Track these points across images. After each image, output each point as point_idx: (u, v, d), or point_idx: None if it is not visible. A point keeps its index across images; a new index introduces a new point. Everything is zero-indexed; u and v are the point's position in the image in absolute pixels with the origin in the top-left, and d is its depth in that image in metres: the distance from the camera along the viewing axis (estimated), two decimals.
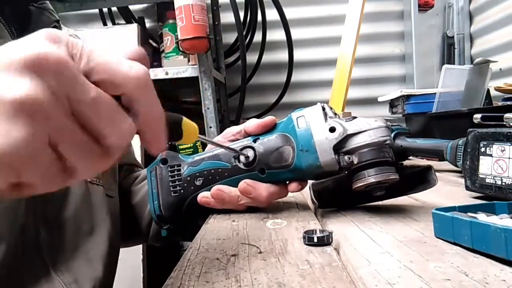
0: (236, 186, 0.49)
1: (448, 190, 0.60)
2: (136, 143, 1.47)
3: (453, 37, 1.87)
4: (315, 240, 0.36)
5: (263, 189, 0.48)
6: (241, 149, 0.49)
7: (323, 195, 0.48)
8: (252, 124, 0.52)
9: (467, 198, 0.52)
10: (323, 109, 0.47)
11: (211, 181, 0.50)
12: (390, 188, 0.45)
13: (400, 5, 1.91)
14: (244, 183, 0.48)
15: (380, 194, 0.45)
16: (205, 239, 0.40)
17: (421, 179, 0.46)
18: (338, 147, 0.44)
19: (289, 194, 0.63)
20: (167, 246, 1.50)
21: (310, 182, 0.50)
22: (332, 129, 0.44)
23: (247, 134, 0.52)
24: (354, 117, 0.45)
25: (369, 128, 0.44)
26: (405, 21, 1.89)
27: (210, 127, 1.44)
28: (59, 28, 0.56)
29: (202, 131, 1.44)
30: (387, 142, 0.43)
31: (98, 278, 0.52)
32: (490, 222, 0.30)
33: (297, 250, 0.35)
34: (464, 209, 0.36)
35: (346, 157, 0.44)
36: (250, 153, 0.49)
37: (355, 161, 0.43)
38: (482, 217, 0.34)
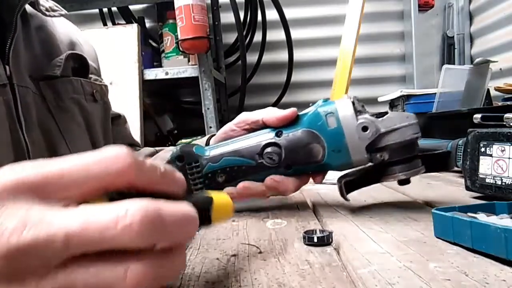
0: (261, 181, 0.47)
1: (448, 190, 0.60)
2: (134, 121, 1.46)
3: (453, 37, 1.88)
4: (315, 240, 0.36)
5: (290, 184, 0.47)
6: (265, 146, 0.47)
7: (349, 186, 0.48)
8: (272, 115, 0.48)
9: (467, 198, 0.52)
10: (353, 103, 0.45)
11: (234, 178, 0.48)
12: None
13: (400, 5, 1.91)
14: (271, 179, 0.47)
15: (404, 181, 0.47)
16: (205, 239, 0.40)
17: (441, 163, 0.50)
18: (371, 146, 0.44)
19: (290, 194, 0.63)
20: None
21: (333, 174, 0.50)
22: (365, 128, 0.43)
23: (265, 125, 0.49)
24: (385, 113, 0.44)
25: (401, 126, 0.43)
26: (405, 21, 1.89)
27: (210, 127, 1.44)
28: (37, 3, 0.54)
29: (202, 131, 1.44)
30: (417, 136, 0.44)
31: None
32: (490, 222, 0.30)
33: (297, 250, 0.35)
34: (464, 209, 0.36)
35: (378, 155, 0.44)
36: (276, 150, 0.46)
37: (386, 158, 0.44)
38: (482, 217, 0.34)
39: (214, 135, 0.55)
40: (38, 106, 0.49)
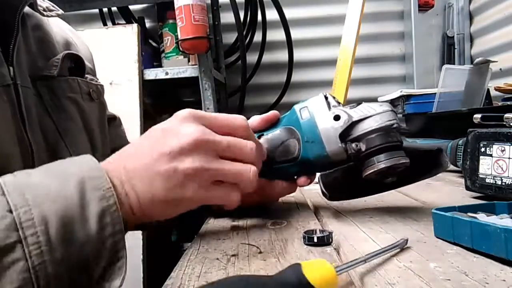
0: None
1: (448, 190, 0.60)
2: (134, 121, 1.45)
3: (453, 37, 1.87)
4: (315, 240, 0.36)
5: (279, 188, 0.49)
6: None
7: (333, 186, 0.46)
8: (255, 119, 0.51)
9: (467, 198, 0.52)
10: (326, 98, 0.46)
11: None
12: (401, 174, 0.43)
13: (400, 5, 1.91)
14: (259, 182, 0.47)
15: (391, 181, 0.43)
16: (205, 239, 0.40)
17: (432, 163, 0.45)
18: (345, 135, 0.43)
19: (290, 194, 0.63)
20: (167, 246, 1.50)
21: (318, 175, 0.49)
22: (337, 117, 0.43)
23: None
24: (359, 103, 0.44)
25: (374, 113, 0.42)
26: (405, 21, 1.89)
27: None
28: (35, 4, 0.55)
29: None
30: (394, 126, 0.42)
31: None
32: (490, 222, 0.30)
33: (297, 250, 0.35)
34: (464, 209, 0.36)
35: (353, 145, 0.42)
36: None
37: (363, 148, 0.42)
38: (482, 217, 0.34)
39: None
40: (36, 106, 0.50)
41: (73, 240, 0.29)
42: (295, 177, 0.49)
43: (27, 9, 0.53)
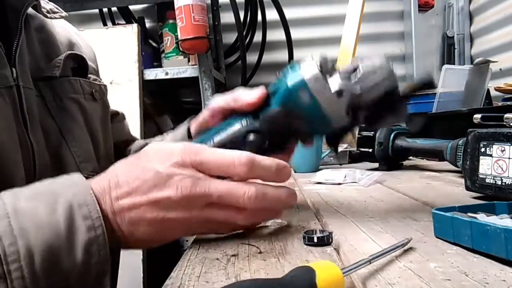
0: None
1: (448, 190, 0.60)
2: (134, 121, 1.45)
3: (453, 37, 1.87)
4: (315, 240, 0.36)
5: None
6: (246, 135, 0.44)
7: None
8: (242, 102, 0.45)
9: (467, 198, 0.52)
10: (321, 67, 0.42)
11: None
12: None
13: (400, 5, 1.91)
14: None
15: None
16: (205, 239, 0.40)
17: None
18: (349, 108, 0.41)
19: None
20: (167, 246, 1.50)
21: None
22: (340, 93, 0.41)
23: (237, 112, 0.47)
24: (356, 67, 0.42)
25: (376, 81, 0.41)
26: (405, 21, 1.89)
27: None
28: (39, 5, 0.55)
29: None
30: (396, 87, 0.41)
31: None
32: (490, 222, 0.30)
33: (297, 250, 0.35)
34: (464, 209, 0.36)
35: (359, 115, 0.42)
36: (258, 137, 0.44)
37: (369, 114, 0.42)
38: (482, 217, 0.34)
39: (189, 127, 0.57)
40: (38, 107, 0.50)
41: (58, 270, 0.29)
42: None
43: (30, 10, 0.53)
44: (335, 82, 0.41)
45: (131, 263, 1.35)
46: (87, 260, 0.30)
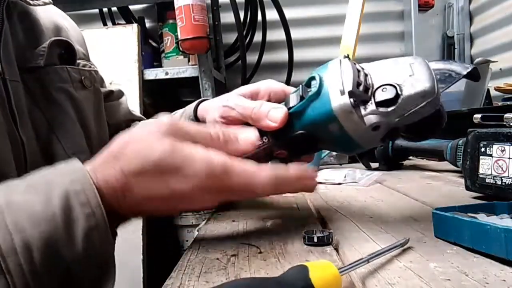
0: None
1: (448, 190, 0.60)
2: (132, 94, 1.43)
3: (453, 37, 1.87)
4: (315, 240, 0.36)
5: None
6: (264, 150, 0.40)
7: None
8: (262, 122, 0.40)
9: (467, 198, 0.52)
10: (353, 94, 0.34)
11: None
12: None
13: (400, 5, 1.91)
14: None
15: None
16: (205, 239, 0.40)
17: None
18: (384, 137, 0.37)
19: (289, 194, 0.63)
20: (167, 246, 1.50)
21: None
22: (376, 128, 0.35)
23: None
24: (393, 87, 0.35)
25: (416, 108, 0.34)
26: (405, 21, 1.89)
27: None
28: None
29: None
30: (439, 109, 0.38)
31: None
32: (490, 222, 0.30)
33: (297, 250, 0.35)
34: (464, 209, 0.36)
35: (392, 138, 0.39)
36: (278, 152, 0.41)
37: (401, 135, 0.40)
38: (482, 217, 0.34)
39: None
40: (26, 100, 0.47)
41: (59, 262, 0.28)
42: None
43: None
44: (370, 117, 0.35)
45: (131, 263, 1.35)
46: (89, 249, 0.29)
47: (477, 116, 0.57)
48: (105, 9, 1.84)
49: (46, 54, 0.51)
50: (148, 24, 1.86)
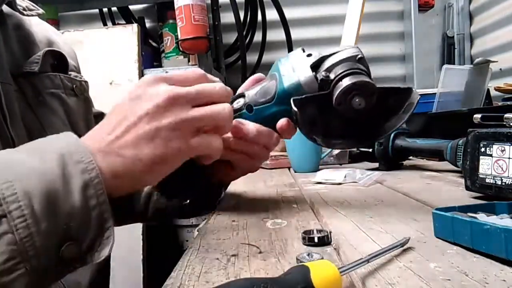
0: None
1: (448, 190, 0.60)
2: None
3: (453, 37, 1.88)
4: (315, 240, 0.36)
5: (252, 125, 0.48)
6: (233, 99, 0.51)
7: (309, 121, 0.47)
8: (244, 83, 0.54)
9: (467, 198, 0.52)
10: (303, 50, 0.50)
11: None
12: (372, 113, 0.46)
13: (400, 5, 1.91)
14: (234, 121, 0.48)
15: (360, 105, 0.45)
16: (205, 239, 0.40)
17: (402, 101, 0.47)
18: (316, 68, 0.47)
19: (289, 194, 0.63)
20: (167, 246, 1.50)
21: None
22: (309, 55, 0.48)
23: None
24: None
25: (341, 49, 0.47)
26: (405, 21, 1.89)
27: None
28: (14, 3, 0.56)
29: None
30: (359, 56, 0.46)
31: (95, 277, 0.51)
32: (490, 222, 0.30)
33: (297, 250, 0.35)
34: (464, 209, 0.36)
35: (323, 73, 0.46)
36: (241, 99, 0.51)
37: (332, 76, 0.46)
38: (482, 217, 0.34)
39: None
40: (19, 102, 0.50)
41: (58, 213, 0.30)
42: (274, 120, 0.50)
43: (6, 9, 0.54)
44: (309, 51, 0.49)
45: (131, 263, 1.35)
46: (86, 203, 0.31)
47: (477, 116, 0.57)
48: (105, 9, 1.85)
49: (41, 62, 0.54)
50: (148, 24, 1.86)
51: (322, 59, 0.47)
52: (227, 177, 0.54)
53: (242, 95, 0.51)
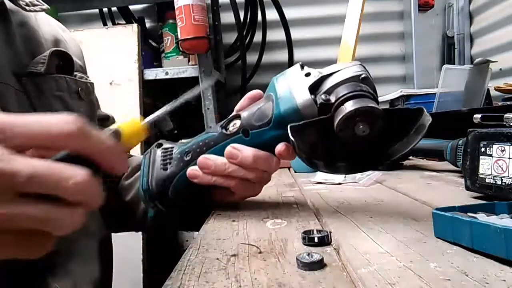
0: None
1: (448, 190, 0.60)
2: (132, 94, 1.45)
3: (453, 37, 1.88)
4: (315, 240, 0.36)
5: (249, 151, 0.46)
6: (229, 121, 0.49)
7: (309, 147, 0.44)
8: (241, 100, 0.51)
9: (467, 198, 0.52)
10: (302, 66, 0.47)
11: (199, 154, 0.49)
12: (378, 137, 0.42)
13: (400, 5, 1.91)
14: (229, 147, 0.46)
15: (364, 132, 0.41)
16: (205, 239, 0.40)
17: (412, 122, 0.42)
18: (315, 89, 0.43)
19: (289, 194, 0.63)
20: (167, 246, 1.50)
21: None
22: (308, 74, 0.45)
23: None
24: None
25: (343, 67, 0.43)
26: (405, 21, 1.89)
27: (210, 127, 1.44)
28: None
29: (202, 131, 1.43)
30: (362, 76, 0.42)
31: (96, 278, 0.51)
32: (490, 222, 0.30)
33: (297, 250, 0.35)
34: (464, 209, 0.36)
35: (323, 95, 0.42)
36: (237, 121, 0.48)
37: (332, 99, 0.42)
38: (482, 217, 0.34)
39: None
40: (21, 103, 0.48)
41: None
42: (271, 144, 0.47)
43: (10, 5, 0.52)
44: (308, 69, 0.46)
45: (131, 263, 1.35)
46: None
47: (477, 116, 0.57)
48: (105, 9, 1.84)
49: (47, 62, 0.52)
50: (148, 24, 1.86)
51: (322, 79, 0.43)
52: (227, 200, 0.53)
53: (238, 117, 0.48)
